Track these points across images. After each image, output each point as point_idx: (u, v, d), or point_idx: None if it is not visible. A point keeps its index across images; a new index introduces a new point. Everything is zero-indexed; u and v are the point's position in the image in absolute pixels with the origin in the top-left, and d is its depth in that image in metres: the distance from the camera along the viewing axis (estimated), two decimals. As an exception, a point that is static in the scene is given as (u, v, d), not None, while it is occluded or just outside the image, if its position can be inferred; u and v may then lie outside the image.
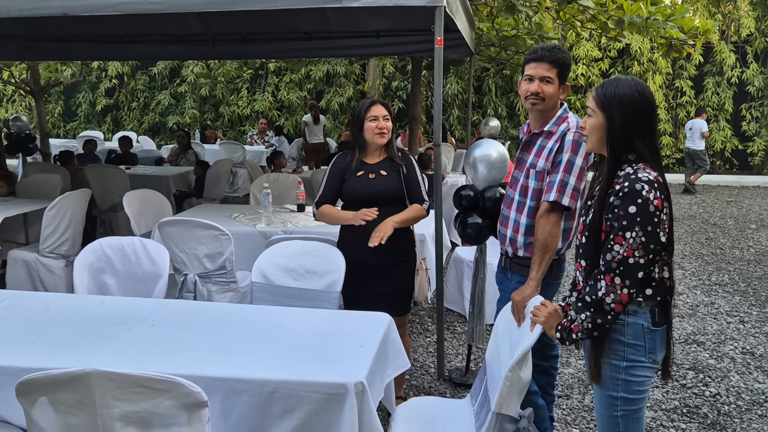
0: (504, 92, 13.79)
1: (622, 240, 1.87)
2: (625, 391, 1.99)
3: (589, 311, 1.93)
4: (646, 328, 1.95)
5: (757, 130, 13.43)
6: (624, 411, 2.01)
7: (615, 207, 1.88)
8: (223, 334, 2.40)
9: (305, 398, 2.02)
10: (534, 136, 2.71)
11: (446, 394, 3.62)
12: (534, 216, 2.64)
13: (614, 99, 1.94)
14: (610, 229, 1.89)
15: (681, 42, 6.49)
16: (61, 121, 15.98)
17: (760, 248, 7.22)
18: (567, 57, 2.62)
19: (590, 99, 2.02)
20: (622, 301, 1.89)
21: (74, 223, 4.75)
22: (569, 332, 1.98)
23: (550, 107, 2.63)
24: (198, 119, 15.01)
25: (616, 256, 1.87)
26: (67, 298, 2.88)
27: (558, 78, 2.59)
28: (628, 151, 1.95)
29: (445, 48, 3.66)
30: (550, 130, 2.63)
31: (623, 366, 1.97)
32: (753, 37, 13.19)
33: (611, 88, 1.96)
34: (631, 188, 1.86)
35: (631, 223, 1.85)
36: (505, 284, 2.82)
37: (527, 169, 2.67)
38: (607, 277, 1.89)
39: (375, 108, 3.08)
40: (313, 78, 14.17)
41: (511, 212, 2.75)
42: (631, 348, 1.96)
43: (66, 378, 1.71)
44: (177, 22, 6.37)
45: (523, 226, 2.68)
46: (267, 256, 3.20)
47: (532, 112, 2.67)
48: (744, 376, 3.89)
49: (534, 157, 2.66)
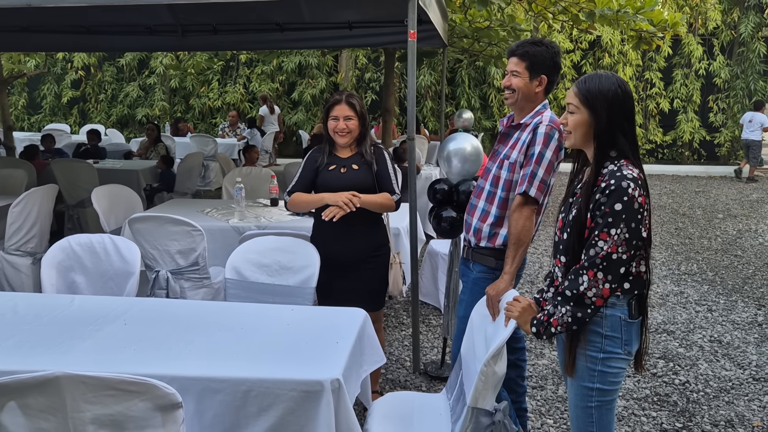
0: (477, 84, 13.83)
1: (606, 236, 1.89)
2: (600, 383, 2.01)
3: (569, 305, 1.95)
4: (623, 320, 1.98)
5: (724, 122, 13.71)
6: (598, 402, 2.04)
7: (601, 204, 1.90)
8: (196, 332, 2.37)
9: (281, 396, 2.01)
10: (512, 129, 2.72)
11: (422, 388, 3.63)
12: (503, 207, 2.66)
13: (599, 95, 1.95)
14: (595, 225, 1.91)
15: (650, 34, 6.58)
16: (25, 113, 15.60)
17: (726, 238, 7.39)
18: (539, 50, 2.60)
19: (571, 95, 2.02)
20: (603, 295, 1.91)
21: (41, 219, 4.64)
22: (547, 326, 2.00)
23: (525, 100, 2.64)
24: (168, 111, 14.78)
25: (600, 251, 1.89)
26: (35, 298, 2.82)
27: (528, 71, 2.59)
28: (611, 147, 1.97)
29: (418, 40, 3.64)
30: (525, 122, 2.65)
31: (600, 357, 1.99)
32: (719, 29, 13.44)
33: (594, 83, 1.97)
34: (617, 186, 1.88)
35: (616, 220, 1.88)
36: (467, 275, 2.82)
37: (501, 160, 2.69)
38: (590, 272, 1.91)
39: (338, 107, 3.04)
40: (285, 69, 14.04)
41: (480, 202, 2.75)
42: (609, 340, 1.98)
43: (35, 382, 1.67)
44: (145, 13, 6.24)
45: (492, 216, 2.69)
46: (240, 252, 3.17)
47: (509, 105, 2.70)
48: (712, 363, 3.98)
49: (509, 149, 2.68)
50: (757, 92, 13.31)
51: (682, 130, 13.67)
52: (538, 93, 2.63)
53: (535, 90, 2.62)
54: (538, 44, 2.61)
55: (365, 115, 3.11)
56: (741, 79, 13.44)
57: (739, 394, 3.58)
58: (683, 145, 13.92)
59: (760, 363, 3.98)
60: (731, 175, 12.64)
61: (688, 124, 13.67)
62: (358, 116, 3.06)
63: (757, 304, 5.10)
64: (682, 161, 13.90)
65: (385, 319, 4.59)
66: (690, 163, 13.80)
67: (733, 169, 12.49)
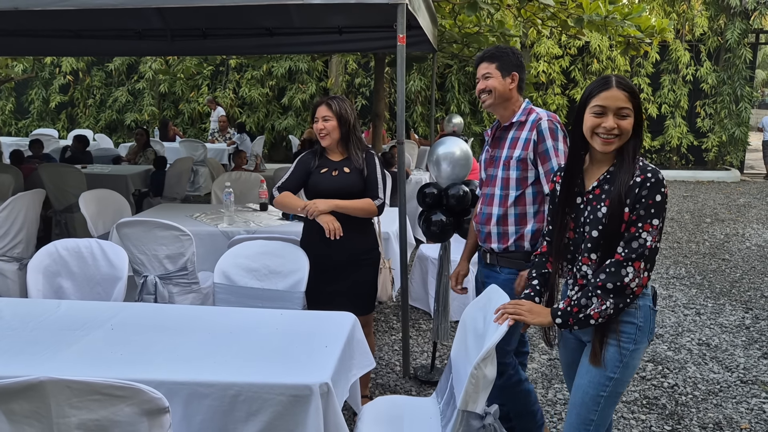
0: (467, 89, 13.87)
1: (650, 227, 1.96)
2: (621, 374, 2.07)
3: (611, 298, 1.98)
4: (651, 309, 2.07)
5: (711, 127, 13.83)
6: (611, 392, 2.09)
7: (643, 197, 1.96)
8: (184, 337, 2.35)
9: (269, 400, 1.99)
10: (504, 131, 2.75)
11: (412, 392, 3.63)
12: (520, 203, 2.70)
13: (635, 93, 2.03)
14: (637, 218, 1.97)
15: (638, 40, 6.63)
16: (12, 118, 15.47)
17: (714, 242, 7.44)
18: (503, 51, 2.71)
19: (623, 99, 1.99)
20: (643, 284, 1.99)
21: (28, 224, 4.60)
22: (585, 319, 2.02)
23: (502, 98, 2.70)
24: (157, 116, 14.72)
25: (645, 243, 1.96)
26: (21, 303, 2.78)
27: (500, 70, 2.69)
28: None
29: (408, 45, 3.65)
30: (520, 120, 2.70)
31: (631, 349, 2.05)
32: (706, 36, 13.56)
33: (629, 82, 2.04)
34: (656, 179, 1.96)
35: (658, 211, 1.96)
36: (493, 277, 2.79)
37: (506, 162, 2.70)
38: (636, 263, 1.96)
39: (319, 109, 3.09)
40: (275, 74, 14.03)
41: (493, 209, 2.75)
42: (640, 331, 2.05)
43: (20, 387, 1.65)
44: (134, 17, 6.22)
45: (512, 216, 2.71)
46: (229, 257, 3.15)
47: (490, 109, 2.75)
48: (700, 366, 4.00)
49: (509, 149, 2.70)
50: (743, 98, 13.45)
51: (670, 135, 13.77)
52: (512, 90, 2.70)
53: (509, 87, 2.70)
54: (500, 48, 2.74)
55: (344, 117, 3.08)
56: (728, 84, 13.57)
57: (727, 397, 3.60)
58: (671, 150, 14.03)
59: (748, 366, 4.01)
60: (719, 180, 12.74)
61: (676, 129, 13.77)
62: (335, 116, 3.05)
63: (744, 307, 5.14)
64: (670, 166, 14.00)
65: (375, 324, 4.58)
66: (678, 168, 13.90)
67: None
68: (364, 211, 3.08)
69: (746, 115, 13.56)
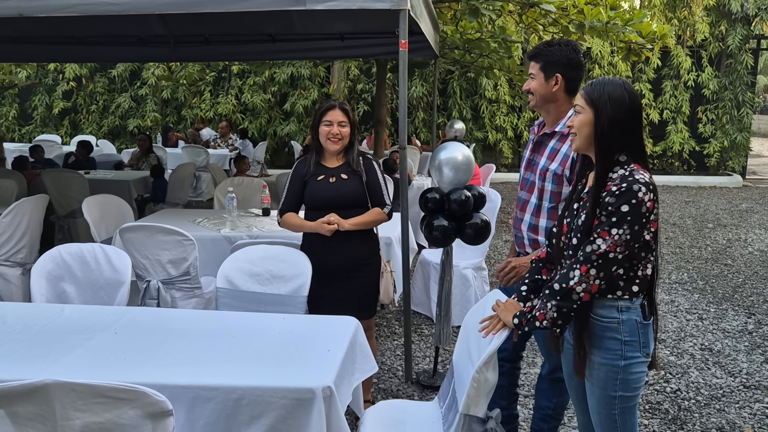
0: (469, 95, 13.90)
1: (606, 235, 1.91)
2: (623, 390, 2.03)
3: (555, 299, 1.96)
4: (639, 323, 2.00)
5: (713, 132, 13.82)
6: (621, 408, 2.05)
7: (609, 204, 1.92)
8: (187, 341, 2.36)
9: (273, 404, 2.00)
10: (545, 137, 2.66)
11: (414, 397, 3.63)
12: (553, 217, 2.60)
13: (604, 95, 1.98)
14: (598, 223, 1.93)
15: (639, 46, 6.65)
16: (15, 124, 15.52)
17: (716, 247, 7.43)
18: (551, 50, 2.57)
19: (578, 97, 2.05)
20: (592, 291, 1.94)
21: (31, 229, 4.61)
22: (530, 319, 2.01)
23: (545, 101, 2.60)
24: (160, 122, 14.75)
25: (598, 249, 1.91)
26: (25, 308, 2.79)
27: (543, 71, 2.57)
28: (617, 151, 1.98)
29: (410, 51, 3.67)
30: (562, 131, 2.58)
31: (622, 365, 2.00)
32: (707, 41, 13.58)
33: (600, 86, 2.01)
34: (628, 188, 1.90)
35: (620, 221, 1.90)
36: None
37: (542, 172, 2.62)
38: (583, 267, 1.92)
39: (332, 112, 3.03)
40: (277, 80, 14.06)
41: (525, 215, 2.70)
42: (628, 345, 2.00)
43: (24, 390, 1.65)
44: (137, 24, 6.25)
45: (543, 229, 2.64)
46: (232, 261, 3.16)
47: (532, 108, 2.71)
48: (703, 371, 3.99)
49: (547, 159, 2.61)
50: (745, 103, 13.45)
51: (672, 140, 13.77)
52: (556, 93, 2.57)
53: (553, 90, 2.57)
54: (551, 44, 2.60)
55: (356, 124, 3.13)
56: (729, 90, 13.57)
57: (730, 402, 3.59)
58: (673, 156, 14.02)
59: (751, 371, 4.00)
60: (721, 185, 12.73)
61: (678, 134, 13.77)
62: (350, 122, 3.07)
63: (747, 312, 5.13)
64: (672, 171, 13.99)
65: (377, 329, 4.59)
66: (680, 174, 13.89)
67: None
68: (376, 222, 3.13)
69: (748, 121, 13.56)
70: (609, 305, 2.00)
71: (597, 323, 2.02)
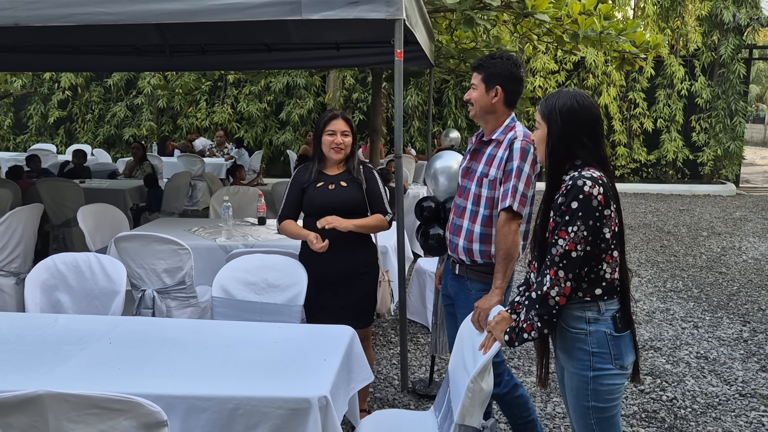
0: (464, 104, 13.90)
1: (565, 234, 1.93)
2: (595, 401, 2.02)
3: (535, 308, 1.98)
4: (608, 334, 1.99)
5: (706, 141, 13.90)
6: (597, 418, 2.04)
7: (561, 204, 1.95)
8: (183, 351, 2.35)
9: (268, 414, 1.99)
10: (483, 144, 2.75)
11: (410, 406, 3.61)
12: (487, 224, 2.67)
13: (554, 110, 2.01)
14: (555, 225, 1.96)
15: (633, 55, 6.69)
16: (10, 133, 15.50)
17: (711, 255, 7.45)
18: (494, 62, 2.65)
19: (536, 112, 2.10)
20: (565, 293, 1.94)
21: (25, 239, 4.59)
22: (520, 333, 2.02)
23: (484, 111, 2.69)
24: (155, 131, 14.75)
25: (559, 249, 1.93)
26: (19, 318, 2.78)
27: (484, 83, 2.66)
28: (570, 159, 2.02)
29: (405, 60, 3.69)
30: (498, 138, 2.67)
31: (590, 376, 2.00)
32: (700, 51, 13.68)
33: (552, 100, 2.04)
34: (573, 185, 1.93)
35: (573, 218, 1.92)
36: (464, 295, 2.78)
37: (479, 178, 2.69)
38: (551, 271, 1.95)
39: (335, 122, 3.07)
40: (273, 90, 14.09)
41: (463, 221, 2.75)
42: (596, 357, 1.99)
43: (17, 401, 1.64)
44: (133, 33, 6.27)
45: (477, 234, 2.70)
46: (227, 271, 3.16)
47: (472, 117, 2.76)
48: (699, 380, 4.00)
49: (485, 165, 2.69)
50: (738, 112, 13.54)
51: (666, 149, 13.84)
52: (495, 104, 2.66)
53: (492, 101, 2.66)
54: (494, 57, 2.69)
55: (356, 133, 3.15)
56: (722, 99, 13.66)
57: (726, 410, 3.59)
58: (667, 164, 14.09)
59: (746, 379, 4.01)
60: (715, 194, 12.79)
61: (672, 143, 13.84)
62: (352, 132, 3.10)
63: (742, 320, 5.14)
64: (666, 180, 14.05)
65: (373, 338, 4.57)
66: (674, 182, 13.95)
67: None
68: (376, 228, 3.15)
69: (741, 130, 13.65)
70: (577, 316, 2.01)
71: (567, 333, 2.04)
